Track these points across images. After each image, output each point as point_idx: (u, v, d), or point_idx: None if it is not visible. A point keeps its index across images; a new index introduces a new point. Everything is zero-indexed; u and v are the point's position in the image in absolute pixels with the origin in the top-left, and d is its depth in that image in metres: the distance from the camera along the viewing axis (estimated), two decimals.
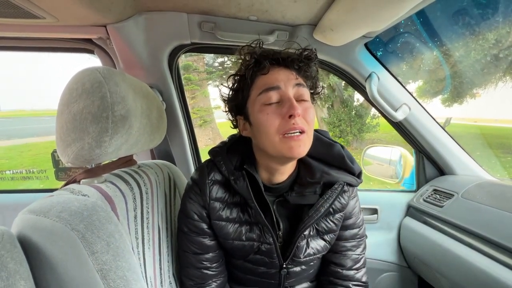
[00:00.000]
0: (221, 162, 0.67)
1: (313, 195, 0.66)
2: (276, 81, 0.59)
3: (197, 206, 0.66)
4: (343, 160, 0.69)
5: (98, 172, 0.58)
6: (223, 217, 0.66)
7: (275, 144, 0.58)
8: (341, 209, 0.69)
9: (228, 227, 0.66)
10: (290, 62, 0.61)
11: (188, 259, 0.69)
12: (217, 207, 0.66)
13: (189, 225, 0.67)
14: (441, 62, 6.28)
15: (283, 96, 0.58)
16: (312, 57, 0.63)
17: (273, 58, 0.61)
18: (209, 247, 0.68)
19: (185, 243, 0.69)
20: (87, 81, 0.49)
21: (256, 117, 0.60)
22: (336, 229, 0.69)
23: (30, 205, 0.45)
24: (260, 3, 0.82)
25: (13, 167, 5.66)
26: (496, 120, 9.05)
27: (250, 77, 0.62)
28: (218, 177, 0.67)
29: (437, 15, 4.43)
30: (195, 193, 0.67)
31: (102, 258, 0.43)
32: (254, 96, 0.61)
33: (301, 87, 0.60)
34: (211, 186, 0.66)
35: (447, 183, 1.11)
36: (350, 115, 7.02)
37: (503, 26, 5.04)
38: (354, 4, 0.70)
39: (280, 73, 0.61)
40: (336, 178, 0.66)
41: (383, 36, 1.01)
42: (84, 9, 0.72)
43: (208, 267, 0.69)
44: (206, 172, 0.67)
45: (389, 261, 1.17)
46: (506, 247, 0.73)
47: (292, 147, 0.57)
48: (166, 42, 0.96)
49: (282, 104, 0.58)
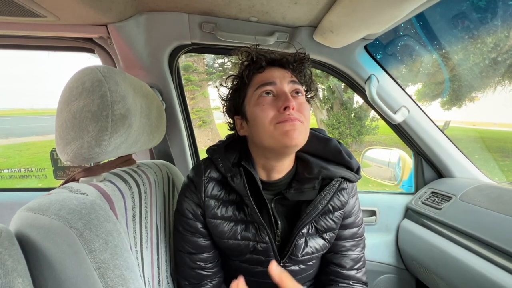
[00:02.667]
0: (218, 159, 0.67)
1: (312, 190, 0.66)
2: (272, 77, 0.62)
3: (191, 204, 0.66)
4: (340, 154, 0.69)
5: (97, 171, 0.58)
6: (218, 215, 0.65)
7: (270, 133, 0.59)
8: (341, 207, 0.68)
9: (223, 226, 0.65)
10: (285, 62, 0.64)
11: (183, 259, 0.69)
12: (212, 204, 0.65)
13: (184, 224, 0.67)
14: (440, 65, 6.31)
15: (278, 90, 0.61)
16: (305, 59, 0.66)
17: (269, 58, 0.64)
18: (204, 247, 0.68)
19: (180, 242, 0.69)
20: (87, 80, 0.49)
21: (252, 110, 0.61)
22: (336, 227, 0.69)
23: (28, 203, 0.45)
24: (261, 4, 0.82)
25: (11, 166, 5.64)
26: (494, 124, 9.09)
27: (247, 76, 0.64)
28: (215, 175, 0.67)
29: (437, 18, 4.46)
30: (190, 191, 0.67)
31: (100, 256, 0.42)
32: (251, 93, 0.63)
33: (296, 84, 0.63)
34: (207, 183, 0.66)
35: (445, 185, 1.11)
36: (350, 117, 7.04)
37: (501, 30, 5.08)
38: (354, 6, 0.70)
39: (276, 71, 0.64)
40: (334, 173, 0.66)
41: (382, 38, 1.02)
42: (85, 8, 0.72)
43: (203, 267, 0.69)
44: (203, 169, 0.67)
45: (387, 263, 1.18)
46: (504, 250, 0.74)
47: (288, 130, 0.57)
48: (166, 42, 0.97)
49: (277, 98, 0.60)
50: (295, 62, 0.65)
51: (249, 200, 0.63)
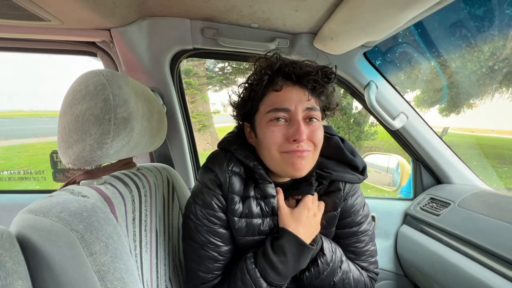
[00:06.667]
0: (238, 150, 0.64)
1: (308, 186, 0.65)
2: (287, 102, 0.57)
3: (217, 195, 0.63)
4: (341, 152, 0.68)
5: (98, 174, 0.59)
6: (236, 212, 0.63)
7: (276, 160, 0.58)
8: (334, 208, 0.67)
9: (241, 222, 0.63)
10: (306, 82, 0.58)
11: (208, 253, 0.63)
12: (234, 199, 0.63)
13: (210, 217, 0.63)
14: (438, 73, 6.37)
15: (292, 117, 0.58)
16: (331, 78, 0.60)
17: (287, 74, 0.58)
18: (230, 237, 0.65)
19: (205, 236, 0.63)
20: (90, 83, 0.50)
21: (262, 131, 0.60)
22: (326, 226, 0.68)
23: (29, 205, 0.45)
24: (262, 11, 0.83)
25: (9, 167, 5.61)
26: (492, 131, 9.13)
27: (261, 91, 0.61)
28: (237, 169, 0.64)
29: (435, 26, 4.52)
30: (214, 184, 0.63)
31: (101, 259, 0.43)
32: (263, 111, 0.60)
33: (312, 111, 0.59)
34: (231, 177, 0.63)
35: (443, 191, 1.12)
36: (349, 122, 7.06)
37: (498, 39, 5.15)
38: (354, 14, 0.71)
39: (293, 92, 0.58)
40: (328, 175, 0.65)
41: (381, 46, 1.03)
42: (89, 12, 0.74)
43: (227, 257, 0.66)
44: (225, 162, 0.64)
45: (386, 269, 1.17)
46: (502, 256, 0.74)
47: (295, 163, 0.56)
48: (168, 47, 0.98)
49: (289, 124, 0.58)
50: (316, 82, 0.58)
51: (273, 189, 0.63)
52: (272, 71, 0.59)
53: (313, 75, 0.58)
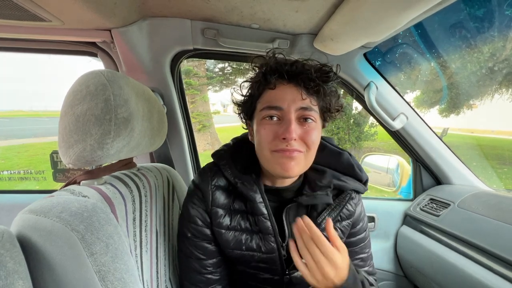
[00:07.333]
0: (226, 165, 0.66)
1: (326, 196, 0.64)
2: (280, 100, 0.57)
3: (200, 211, 0.65)
4: (352, 169, 0.70)
5: (99, 174, 0.59)
6: (223, 225, 0.64)
7: (267, 158, 0.58)
8: (348, 216, 0.69)
9: (228, 235, 0.64)
10: (300, 80, 0.57)
11: (191, 264, 0.66)
12: (219, 213, 0.64)
13: (193, 230, 0.66)
14: (438, 73, 6.38)
15: (284, 116, 0.57)
16: (329, 76, 0.59)
17: (281, 73, 0.58)
18: (213, 252, 0.67)
19: (189, 248, 0.66)
20: (91, 84, 0.50)
21: (257, 129, 0.61)
22: (343, 236, 0.69)
23: (30, 205, 0.45)
24: (262, 12, 0.84)
25: (9, 167, 5.61)
26: (492, 131, 9.14)
27: (257, 89, 0.61)
28: (222, 183, 0.66)
29: (435, 27, 4.52)
30: (198, 198, 0.66)
31: (101, 259, 0.43)
32: (259, 109, 0.61)
33: (307, 111, 0.57)
34: (214, 192, 0.65)
35: (443, 192, 1.12)
36: (349, 123, 7.06)
37: (498, 40, 5.16)
38: (354, 15, 0.72)
39: (287, 91, 0.58)
40: (347, 185, 0.67)
41: (382, 46, 1.04)
42: (90, 13, 0.74)
43: (212, 272, 0.67)
44: (210, 176, 0.66)
45: (386, 270, 1.17)
46: (502, 257, 0.74)
47: (283, 162, 0.56)
48: (169, 47, 0.98)
49: (281, 123, 0.57)
50: (312, 81, 0.56)
51: (265, 208, 0.62)
52: (266, 69, 0.60)
53: (308, 74, 0.57)
